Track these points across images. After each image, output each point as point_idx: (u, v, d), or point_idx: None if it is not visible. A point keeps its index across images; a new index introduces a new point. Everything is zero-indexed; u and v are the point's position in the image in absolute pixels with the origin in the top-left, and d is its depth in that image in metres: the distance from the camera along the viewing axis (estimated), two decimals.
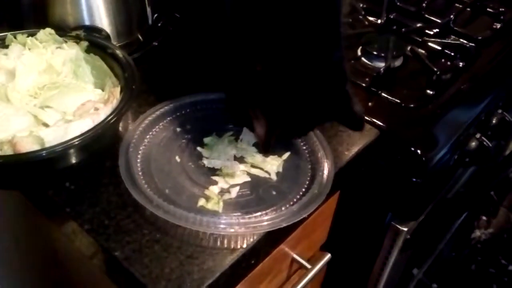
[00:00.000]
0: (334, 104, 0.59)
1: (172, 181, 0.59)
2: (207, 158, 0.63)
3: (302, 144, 0.66)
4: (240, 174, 0.61)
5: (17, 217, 0.79)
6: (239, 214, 0.56)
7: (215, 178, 0.61)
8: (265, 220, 0.55)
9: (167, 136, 0.65)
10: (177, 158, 0.63)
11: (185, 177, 0.60)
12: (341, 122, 0.64)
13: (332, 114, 0.61)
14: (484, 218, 1.78)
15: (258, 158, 0.64)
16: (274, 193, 0.60)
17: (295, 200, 0.59)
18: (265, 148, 0.62)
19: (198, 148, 0.64)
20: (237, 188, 0.60)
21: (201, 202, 0.57)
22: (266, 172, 0.63)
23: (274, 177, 0.62)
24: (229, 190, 0.59)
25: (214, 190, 0.59)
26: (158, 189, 0.58)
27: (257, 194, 0.60)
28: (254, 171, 0.63)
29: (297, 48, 0.55)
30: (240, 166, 0.62)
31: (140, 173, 0.59)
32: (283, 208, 0.57)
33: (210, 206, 0.57)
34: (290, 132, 0.64)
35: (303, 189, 0.60)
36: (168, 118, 0.67)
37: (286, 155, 0.65)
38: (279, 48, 0.55)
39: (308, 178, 0.62)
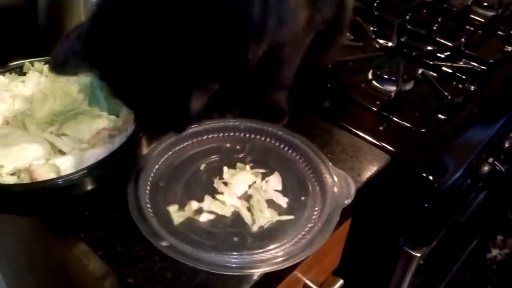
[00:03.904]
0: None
1: (174, 176, 0.63)
2: (221, 178, 0.64)
3: (316, 205, 0.62)
4: (227, 207, 0.61)
5: (32, 240, 0.80)
6: (184, 236, 0.57)
7: (206, 197, 0.62)
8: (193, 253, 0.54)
9: (209, 146, 0.69)
10: (202, 166, 0.66)
11: (188, 182, 0.63)
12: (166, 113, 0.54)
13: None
14: (499, 237, 1.75)
15: (261, 204, 0.61)
16: (235, 239, 0.57)
17: (234, 259, 0.55)
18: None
19: (224, 168, 0.65)
20: (212, 216, 0.60)
21: (173, 208, 0.59)
22: (253, 219, 0.60)
23: (254, 228, 0.59)
24: (203, 214, 0.60)
25: (193, 205, 0.60)
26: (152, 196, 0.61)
27: (219, 232, 0.58)
28: (244, 213, 0.61)
29: None
30: (236, 202, 0.61)
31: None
32: (212, 259, 0.54)
33: (175, 215, 0.59)
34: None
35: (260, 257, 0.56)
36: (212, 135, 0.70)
37: (287, 217, 0.60)
38: None
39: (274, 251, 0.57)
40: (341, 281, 0.73)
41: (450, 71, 0.91)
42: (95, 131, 0.60)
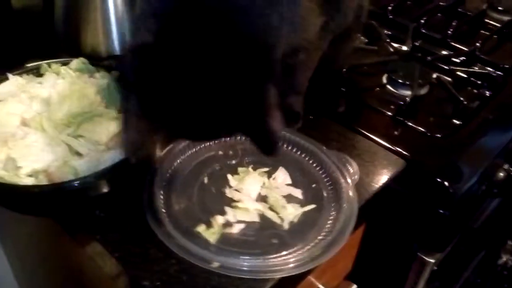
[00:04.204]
0: (242, 110, 0.45)
1: (186, 197, 0.61)
2: (231, 187, 0.63)
3: (330, 191, 0.64)
4: (252, 212, 0.61)
5: (45, 239, 0.81)
6: (228, 252, 0.56)
7: (226, 208, 0.61)
8: (245, 266, 0.54)
9: (203, 157, 0.67)
10: (205, 180, 0.64)
11: (200, 199, 0.61)
12: (251, 138, 0.50)
13: (239, 123, 0.47)
14: (510, 243, 1.74)
15: (280, 201, 0.63)
16: (275, 241, 0.58)
17: (291, 257, 0.56)
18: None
19: (228, 176, 0.65)
20: (243, 225, 0.59)
21: (201, 228, 0.58)
22: (280, 218, 0.61)
23: (286, 226, 0.60)
24: (233, 225, 0.59)
25: (219, 220, 0.59)
26: (168, 205, 0.59)
27: (257, 237, 0.59)
28: (269, 213, 0.61)
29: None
30: (257, 205, 0.62)
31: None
32: (268, 262, 0.55)
33: (207, 234, 0.57)
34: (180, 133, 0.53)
35: (308, 246, 0.57)
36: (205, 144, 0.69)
37: (310, 207, 0.62)
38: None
39: (320, 237, 0.59)
40: (354, 286, 0.73)
41: (465, 76, 0.90)
42: (112, 133, 0.60)
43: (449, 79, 0.89)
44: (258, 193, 0.64)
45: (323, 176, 0.66)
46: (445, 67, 0.91)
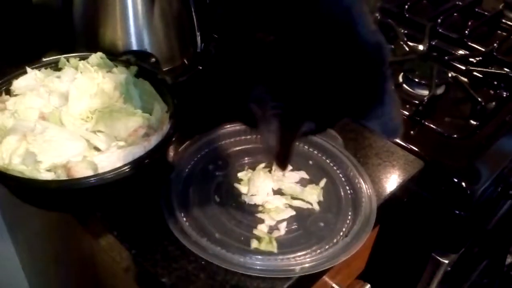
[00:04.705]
0: (364, 96, 0.45)
1: (219, 224, 0.58)
2: (246, 195, 0.62)
3: (335, 168, 0.67)
4: (284, 208, 0.61)
5: (59, 232, 0.81)
6: (295, 253, 0.55)
7: (260, 215, 0.60)
8: (319, 258, 0.55)
9: (201, 175, 0.64)
10: (217, 198, 0.61)
11: (230, 218, 0.59)
12: (372, 125, 0.47)
13: (360, 109, 0.46)
14: None
15: (297, 188, 0.63)
16: (321, 224, 0.59)
17: (344, 230, 0.59)
18: (281, 160, 0.47)
19: (235, 185, 0.63)
20: (284, 223, 0.59)
21: (254, 243, 0.56)
22: (308, 202, 0.62)
23: (316, 207, 0.62)
24: (278, 227, 0.59)
25: (263, 229, 0.58)
26: (207, 234, 0.56)
27: (304, 228, 0.59)
28: (296, 203, 0.62)
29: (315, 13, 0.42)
30: (283, 200, 0.62)
31: (184, 219, 0.58)
32: (334, 240, 0.57)
33: (263, 247, 0.56)
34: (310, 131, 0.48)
35: (348, 219, 0.60)
36: (198, 155, 0.67)
37: (323, 182, 0.64)
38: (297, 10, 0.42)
39: (350, 207, 0.62)
40: (368, 286, 0.72)
41: (482, 76, 0.89)
42: (131, 128, 0.60)
43: (465, 79, 0.89)
44: (272, 188, 0.63)
45: (340, 176, 0.66)
46: (462, 67, 0.91)
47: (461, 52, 0.95)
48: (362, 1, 0.45)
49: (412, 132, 0.77)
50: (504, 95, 0.86)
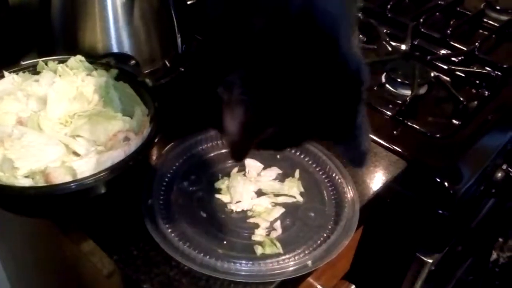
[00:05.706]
0: (338, 121, 0.44)
1: (217, 240, 0.57)
2: (231, 203, 0.61)
3: (302, 157, 0.67)
4: (272, 208, 0.61)
5: (41, 239, 0.80)
6: (300, 248, 0.56)
7: (252, 220, 0.60)
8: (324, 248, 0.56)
9: (181, 196, 0.62)
10: (203, 214, 0.60)
11: (225, 231, 0.58)
12: (340, 150, 0.49)
13: (333, 132, 0.46)
14: (500, 240, 1.75)
15: (276, 185, 0.64)
16: (312, 214, 0.60)
17: (334, 213, 0.61)
18: (238, 151, 0.45)
19: (217, 196, 0.62)
20: (278, 222, 0.59)
21: (259, 250, 0.56)
22: (291, 196, 0.62)
23: (300, 198, 0.63)
24: (273, 227, 0.59)
25: (261, 233, 0.58)
26: (209, 253, 0.55)
27: (299, 221, 0.60)
28: (281, 199, 0.62)
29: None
30: (269, 199, 0.62)
31: (169, 230, 0.57)
32: (329, 227, 0.59)
33: (269, 250, 0.56)
34: (278, 138, 0.45)
35: (333, 203, 0.62)
36: (180, 160, 0.66)
37: (297, 172, 0.65)
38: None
39: (331, 191, 0.63)
40: (353, 287, 0.72)
41: (464, 75, 0.90)
42: (111, 132, 0.59)
43: (448, 78, 0.89)
44: (254, 191, 0.63)
45: (323, 177, 0.66)
46: (444, 66, 0.91)
47: (443, 51, 0.96)
48: (352, 18, 0.45)
49: (395, 132, 0.77)
50: (486, 94, 0.87)
